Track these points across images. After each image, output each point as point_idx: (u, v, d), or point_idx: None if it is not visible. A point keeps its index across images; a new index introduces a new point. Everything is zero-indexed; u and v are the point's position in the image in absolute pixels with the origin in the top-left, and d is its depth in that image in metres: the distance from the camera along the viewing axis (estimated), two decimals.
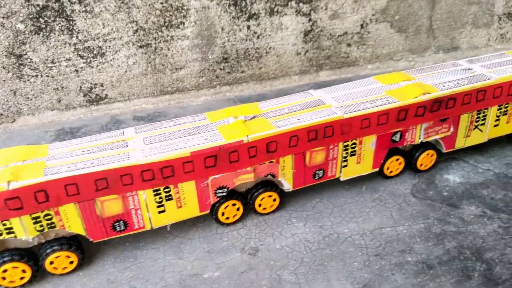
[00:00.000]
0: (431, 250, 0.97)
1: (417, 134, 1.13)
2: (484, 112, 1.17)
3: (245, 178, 0.99)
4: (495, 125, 1.20)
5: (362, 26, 1.76)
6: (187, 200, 0.97)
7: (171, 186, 0.94)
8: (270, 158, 0.99)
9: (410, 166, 1.19)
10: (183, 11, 1.56)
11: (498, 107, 1.17)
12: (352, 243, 1.00)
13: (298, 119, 1.00)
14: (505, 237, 0.99)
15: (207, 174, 0.95)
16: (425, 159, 1.18)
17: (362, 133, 1.05)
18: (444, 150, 1.19)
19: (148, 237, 1.04)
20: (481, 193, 1.12)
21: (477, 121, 1.17)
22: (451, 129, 1.15)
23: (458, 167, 1.23)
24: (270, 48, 1.71)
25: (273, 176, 1.03)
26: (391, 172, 1.17)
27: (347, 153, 1.07)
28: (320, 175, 1.08)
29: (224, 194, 0.99)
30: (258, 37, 1.67)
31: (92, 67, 1.57)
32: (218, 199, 1.00)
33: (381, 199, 1.13)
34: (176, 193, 0.95)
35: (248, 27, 1.64)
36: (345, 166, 1.09)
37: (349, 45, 1.79)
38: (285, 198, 1.14)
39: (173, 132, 0.98)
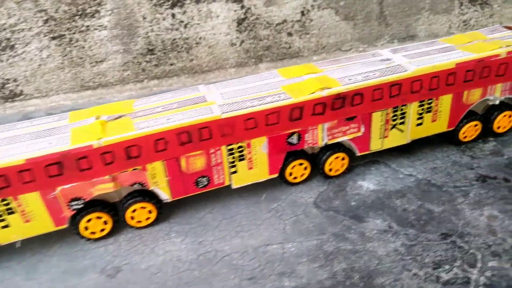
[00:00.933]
0: (315, 272, 0.83)
1: (319, 135, 0.98)
2: (402, 109, 1.02)
3: (104, 188, 0.86)
4: (419, 124, 1.05)
5: (303, 13, 1.60)
6: (35, 213, 0.84)
7: (10, 198, 0.81)
8: (133, 165, 0.86)
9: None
10: None
11: (420, 104, 1.02)
12: (228, 263, 0.87)
13: (168, 120, 0.87)
14: (405, 258, 0.84)
15: (53, 184, 0.82)
16: (335, 163, 1.03)
17: (248, 135, 0.91)
18: (358, 153, 1.05)
19: (4, 253, 0.92)
20: (393, 204, 0.98)
21: (394, 120, 1.02)
22: (362, 129, 1.00)
23: (376, 172, 1.08)
24: (200, 38, 1.57)
25: (142, 185, 0.90)
26: (295, 178, 1.03)
27: (234, 158, 0.94)
28: (205, 183, 0.95)
29: (81, 206, 0.87)
30: (185, 26, 1.53)
31: (2, 61, 1.45)
32: (76, 211, 0.88)
33: (278, 209, 0.99)
34: (18, 205, 0.82)
35: (173, 15, 1.51)
36: (234, 172, 0.96)
37: (290, 34, 1.63)
38: (173, 208, 1.01)
39: (22, 135, 0.86)
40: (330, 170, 1.04)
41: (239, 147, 0.92)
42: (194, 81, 1.62)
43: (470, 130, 1.11)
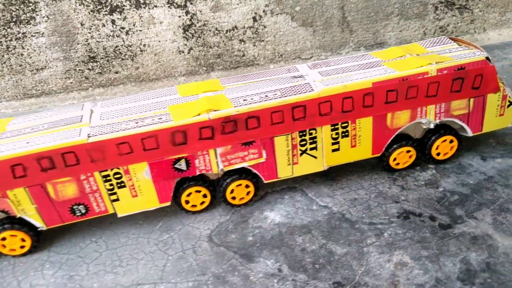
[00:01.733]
0: None
1: (213, 161, 0.88)
2: (311, 134, 0.90)
3: None
4: (335, 150, 0.93)
5: (254, 19, 1.49)
6: None
7: None
8: None
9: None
10: (30, 4, 1.37)
11: (332, 127, 0.90)
12: None
13: (27, 143, 0.79)
14: None
15: None
16: (238, 191, 0.93)
17: (123, 160, 0.82)
18: (264, 181, 0.93)
19: None
20: (293, 241, 0.86)
21: (303, 145, 0.90)
22: (264, 155, 0.89)
23: (289, 201, 0.96)
24: (144, 45, 1.48)
25: (7, 212, 0.82)
26: (194, 206, 0.93)
27: (112, 184, 0.85)
28: (83, 211, 0.86)
29: None
30: (127, 33, 1.45)
31: None
32: None
33: (168, 242, 0.89)
34: None
35: (113, 21, 1.43)
36: (116, 200, 0.87)
37: (242, 41, 1.53)
38: (59, 235, 0.92)
39: None
40: (234, 198, 0.93)
41: (116, 173, 0.83)
42: (141, 89, 1.54)
43: (402, 157, 0.97)
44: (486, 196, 0.91)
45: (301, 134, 0.88)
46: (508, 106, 0.96)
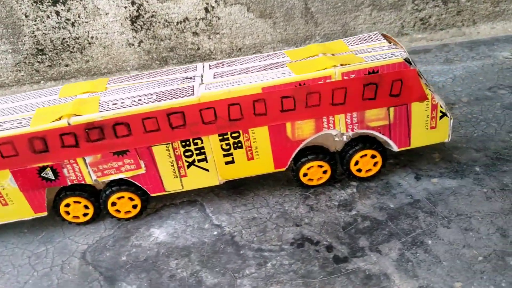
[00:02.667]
0: None
1: (84, 171, 0.79)
2: (197, 144, 0.79)
3: None
4: (229, 162, 0.81)
5: (206, 10, 1.38)
6: None
7: None
8: None
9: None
10: None
11: (221, 137, 0.78)
12: None
13: None
14: None
15: None
16: (121, 204, 0.83)
17: None
18: (150, 194, 0.84)
19: None
20: (166, 266, 0.76)
21: (189, 156, 0.80)
22: (143, 166, 0.79)
23: (183, 217, 0.86)
24: (92, 37, 1.41)
25: None
26: (76, 218, 0.85)
27: None
28: None
29: None
30: (72, 24, 1.39)
31: None
32: None
33: (41, 255, 0.82)
34: None
35: (57, 13, 1.37)
36: None
37: (196, 34, 1.42)
38: None
39: None
40: (119, 211, 0.85)
41: None
42: None
43: (314, 172, 0.84)
44: (402, 225, 0.77)
45: (184, 144, 0.78)
46: (441, 117, 0.80)
